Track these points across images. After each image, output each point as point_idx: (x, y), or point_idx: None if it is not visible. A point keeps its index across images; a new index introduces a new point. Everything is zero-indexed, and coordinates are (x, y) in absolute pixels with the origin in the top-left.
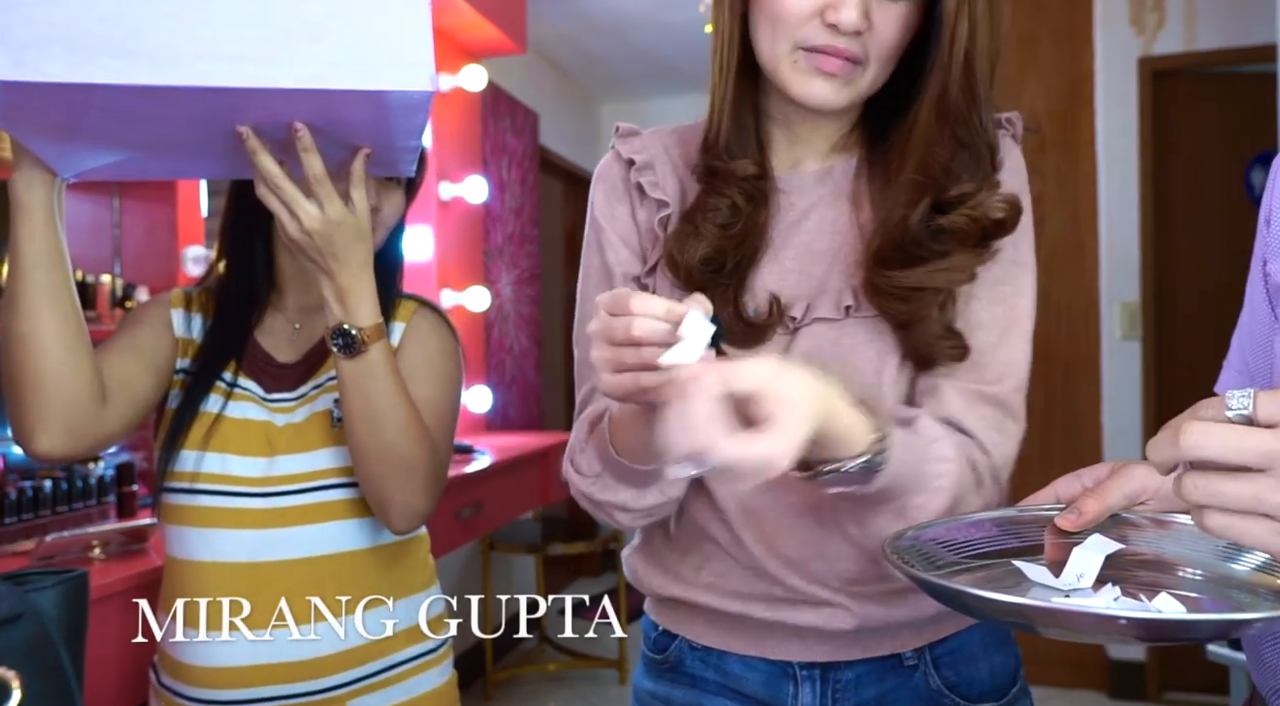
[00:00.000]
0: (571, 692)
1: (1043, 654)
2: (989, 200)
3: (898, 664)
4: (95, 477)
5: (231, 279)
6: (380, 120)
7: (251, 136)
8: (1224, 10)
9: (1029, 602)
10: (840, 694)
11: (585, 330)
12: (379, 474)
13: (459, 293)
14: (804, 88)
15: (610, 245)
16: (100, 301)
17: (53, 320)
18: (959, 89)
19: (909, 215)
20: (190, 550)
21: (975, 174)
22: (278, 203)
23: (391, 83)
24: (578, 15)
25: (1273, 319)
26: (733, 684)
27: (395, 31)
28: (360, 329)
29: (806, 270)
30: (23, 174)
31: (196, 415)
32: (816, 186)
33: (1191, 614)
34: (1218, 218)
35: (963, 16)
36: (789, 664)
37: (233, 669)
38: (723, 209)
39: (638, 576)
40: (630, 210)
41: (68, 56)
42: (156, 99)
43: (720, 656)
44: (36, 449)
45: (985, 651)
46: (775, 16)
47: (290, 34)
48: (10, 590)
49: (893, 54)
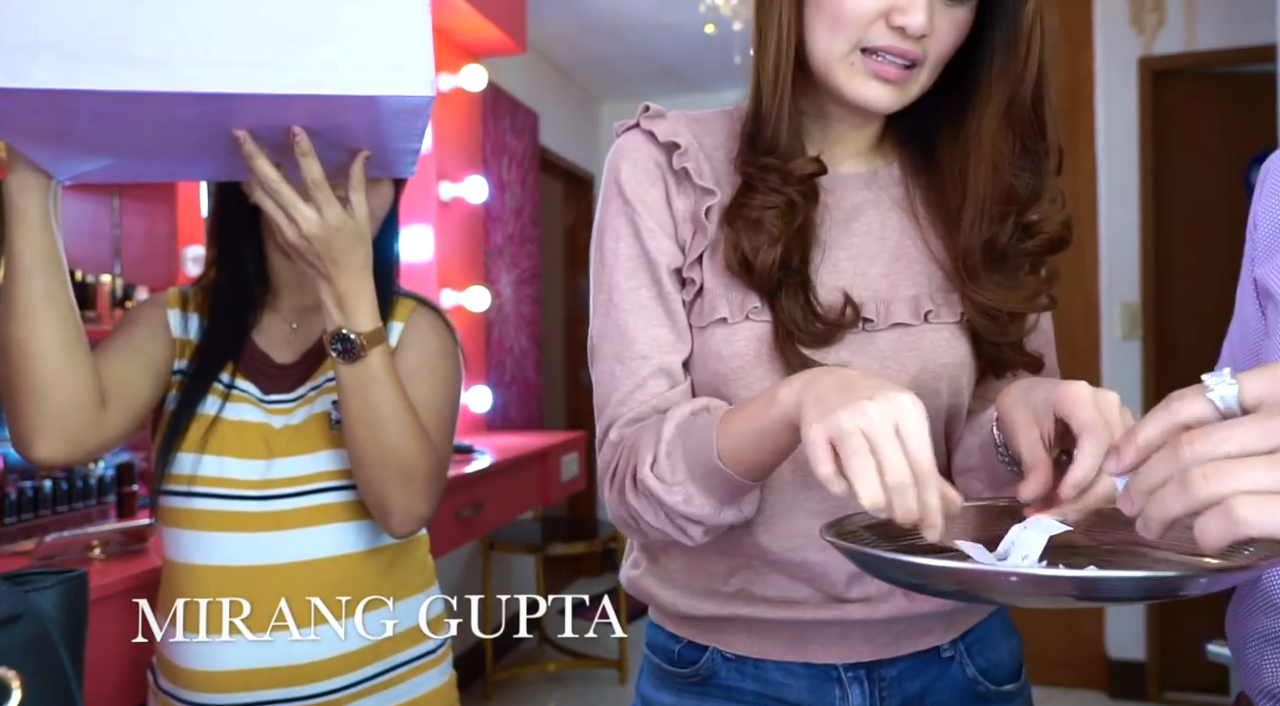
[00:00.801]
0: (571, 692)
1: (1043, 654)
2: (1057, 218)
3: (936, 656)
4: (95, 477)
5: (223, 280)
6: (379, 124)
7: (249, 141)
8: (1224, 10)
9: (932, 563)
10: (887, 691)
11: (616, 323)
12: (379, 478)
13: (459, 293)
14: (860, 90)
15: (649, 232)
16: (100, 301)
17: (50, 325)
18: (1031, 97)
19: (997, 234)
20: (188, 553)
21: (1043, 183)
22: (275, 207)
23: (390, 87)
24: (578, 15)
25: (1262, 324)
26: (773, 692)
27: (394, 35)
28: (359, 334)
29: (862, 271)
30: (17, 177)
31: (194, 417)
32: (862, 189)
33: (1083, 572)
34: (1218, 218)
35: (1037, 25)
36: (832, 667)
37: (232, 672)
38: (779, 206)
39: (656, 602)
40: (665, 195)
41: (59, 62)
42: (149, 104)
43: (758, 665)
44: (36, 455)
45: (1005, 637)
46: (837, 16)
47: (285, 38)
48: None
49: (945, 58)
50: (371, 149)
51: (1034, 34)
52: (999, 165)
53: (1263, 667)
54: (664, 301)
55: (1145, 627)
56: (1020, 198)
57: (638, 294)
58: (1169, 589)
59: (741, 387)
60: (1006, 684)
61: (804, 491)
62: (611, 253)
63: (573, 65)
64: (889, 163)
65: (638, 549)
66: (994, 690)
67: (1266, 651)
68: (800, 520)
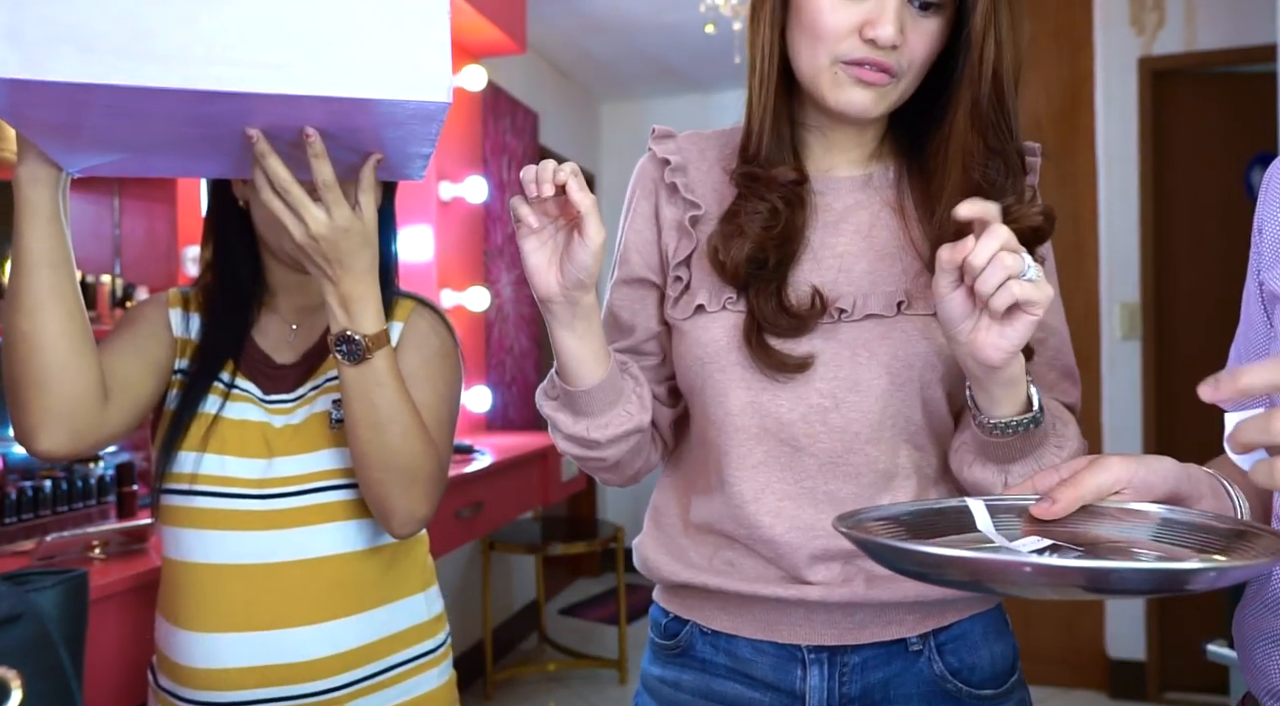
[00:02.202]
0: (571, 692)
1: (1043, 653)
2: (1029, 210)
3: (903, 649)
4: (95, 478)
5: (218, 281)
6: (394, 128)
7: (261, 140)
8: (1224, 10)
9: (931, 550)
10: (847, 676)
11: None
12: (381, 480)
13: (459, 293)
14: (843, 98)
15: (627, 247)
16: (100, 301)
17: (57, 319)
18: (989, 101)
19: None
20: (189, 552)
21: (1010, 182)
22: (283, 207)
23: (408, 93)
24: (578, 15)
25: (1268, 328)
26: (742, 667)
27: (413, 41)
28: (365, 336)
29: (847, 268)
30: (28, 169)
31: (195, 416)
32: (854, 191)
33: (1080, 561)
34: (1218, 218)
35: (989, 36)
36: (797, 647)
37: (231, 670)
38: (763, 212)
39: (648, 564)
40: (654, 207)
41: (79, 56)
42: (166, 100)
43: (730, 640)
44: (38, 447)
45: (986, 640)
46: (816, 32)
47: (306, 40)
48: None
49: (923, 66)
50: (383, 153)
51: (987, 39)
52: (967, 164)
53: (1269, 668)
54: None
55: (1145, 627)
56: (986, 195)
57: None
58: (1177, 582)
59: (716, 371)
60: (985, 688)
61: (777, 473)
62: (619, 237)
63: (573, 65)
64: (885, 167)
65: (647, 519)
66: (968, 691)
67: (1274, 652)
68: (769, 501)
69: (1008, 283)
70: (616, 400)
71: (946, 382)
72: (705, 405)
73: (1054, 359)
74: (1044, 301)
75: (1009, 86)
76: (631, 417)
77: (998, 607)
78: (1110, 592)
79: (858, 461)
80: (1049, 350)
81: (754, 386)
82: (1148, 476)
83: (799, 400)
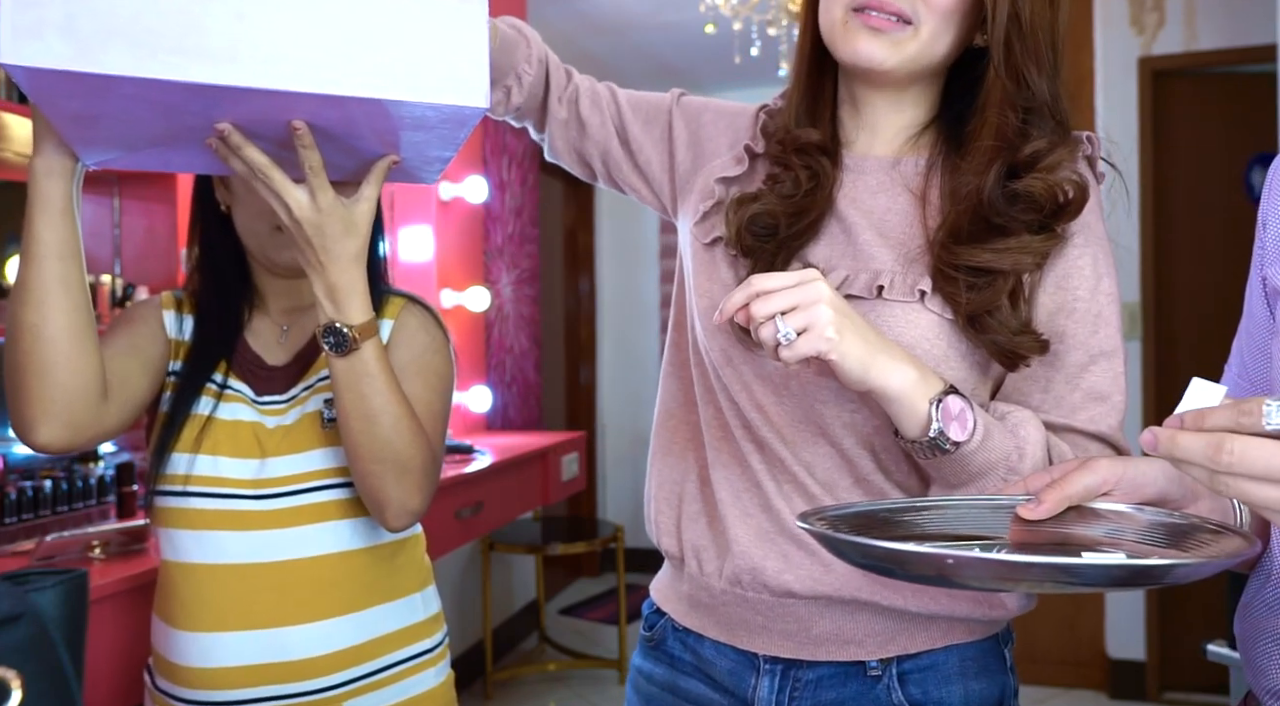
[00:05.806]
0: (571, 692)
1: (1043, 653)
2: (1061, 171)
3: (861, 672)
4: (95, 478)
5: (206, 283)
6: (426, 130)
7: (234, 132)
8: (1224, 10)
9: (886, 545)
10: (800, 692)
11: None
12: (373, 471)
13: (459, 293)
14: (852, 45)
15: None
16: (100, 301)
17: (64, 311)
18: (1006, 53)
19: (982, 182)
20: (185, 553)
21: (1047, 149)
22: (267, 191)
23: (448, 97)
24: (578, 15)
25: (1271, 323)
26: (705, 667)
27: (454, 46)
28: (351, 327)
29: (847, 246)
30: (44, 161)
31: (188, 417)
32: (878, 173)
33: (1020, 556)
34: (1218, 218)
35: None
36: (754, 655)
37: (228, 669)
38: (787, 181)
39: (657, 529)
40: (731, 141)
41: (131, 50)
42: (208, 96)
43: (697, 639)
44: (37, 439)
45: (963, 674)
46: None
47: (352, 41)
48: (10, 590)
49: (946, 16)
50: (409, 154)
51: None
52: (1001, 125)
53: (1270, 667)
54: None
55: (1145, 627)
56: (1015, 145)
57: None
58: (1135, 577)
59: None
60: None
61: (748, 491)
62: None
63: (573, 65)
64: (918, 156)
65: (655, 499)
66: None
67: (1275, 651)
68: (763, 518)
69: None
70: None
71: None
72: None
73: (1075, 378)
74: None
75: (1042, 38)
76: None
77: (992, 640)
78: (1078, 585)
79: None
80: (1068, 367)
81: (735, 360)
82: (1136, 478)
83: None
